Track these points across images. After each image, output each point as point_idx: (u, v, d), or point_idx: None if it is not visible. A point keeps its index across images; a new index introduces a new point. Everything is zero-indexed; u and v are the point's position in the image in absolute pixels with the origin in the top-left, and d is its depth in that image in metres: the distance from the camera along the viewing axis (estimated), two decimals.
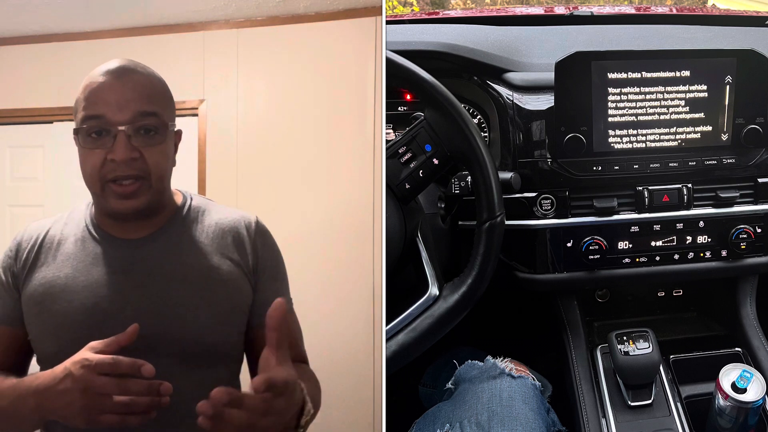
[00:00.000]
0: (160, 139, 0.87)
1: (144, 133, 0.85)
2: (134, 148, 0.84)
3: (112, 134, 0.84)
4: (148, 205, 0.88)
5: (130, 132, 0.84)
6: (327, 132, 2.38)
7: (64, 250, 0.91)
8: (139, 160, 0.85)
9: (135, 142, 0.85)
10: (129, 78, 0.86)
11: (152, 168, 0.86)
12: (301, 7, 2.40)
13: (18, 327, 0.90)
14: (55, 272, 0.89)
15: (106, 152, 0.84)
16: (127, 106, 0.84)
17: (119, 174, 0.84)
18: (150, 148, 0.86)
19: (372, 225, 2.30)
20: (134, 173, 0.85)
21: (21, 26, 2.58)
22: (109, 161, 0.84)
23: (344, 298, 2.25)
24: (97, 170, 0.85)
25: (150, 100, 0.87)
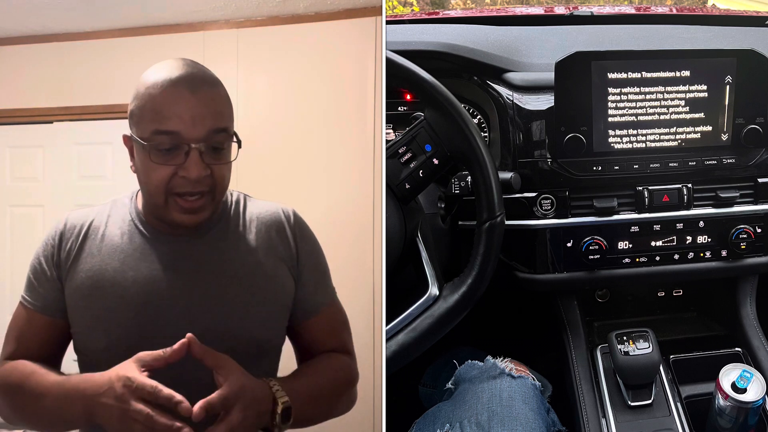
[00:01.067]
0: (228, 155, 0.87)
1: (214, 150, 0.84)
2: (206, 166, 0.83)
3: (184, 151, 0.82)
4: (209, 218, 0.89)
5: (203, 149, 0.82)
6: (327, 132, 2.38)
7: (110, 242, 0.90)
8: (208, 177, 0.84)
9: (206, 159, 0.83)
10: (203, 92, 0.83)
11: (218, 182, 0.86)
12: (301, 7, 2.40)
13: (60, 318, 0.90)
14: (101, 265, 0.88)
15: (176, 168, 0.82)
16: (203, 123, 0.82)
17: (188, 190, 0.83)
18: (219, 165, 0.85)
19: (372, 225, 2.30)
20: (203, 189, 0.84)
21: (21, 26, 2.58)
22: (180, 177, 0.82)
23: (344, 298, 2.24)
24: (164, 183, 0.83)
25: (222, 116, 0.85)
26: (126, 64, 2.51)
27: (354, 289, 2.30)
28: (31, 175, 2.73)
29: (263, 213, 0.96)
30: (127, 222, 0.92)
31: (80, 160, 2.67)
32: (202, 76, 0.85)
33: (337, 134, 2.37)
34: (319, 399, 0.89)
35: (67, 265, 0.90)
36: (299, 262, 0.95)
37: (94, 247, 0.90)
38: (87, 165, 2.65)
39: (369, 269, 2.27)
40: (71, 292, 0.89)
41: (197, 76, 0.84)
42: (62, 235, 0.91)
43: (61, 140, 2.69)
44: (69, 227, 0.92)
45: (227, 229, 0.93)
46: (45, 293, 0.90)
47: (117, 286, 0.87)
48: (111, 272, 0.88)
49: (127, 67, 2.59)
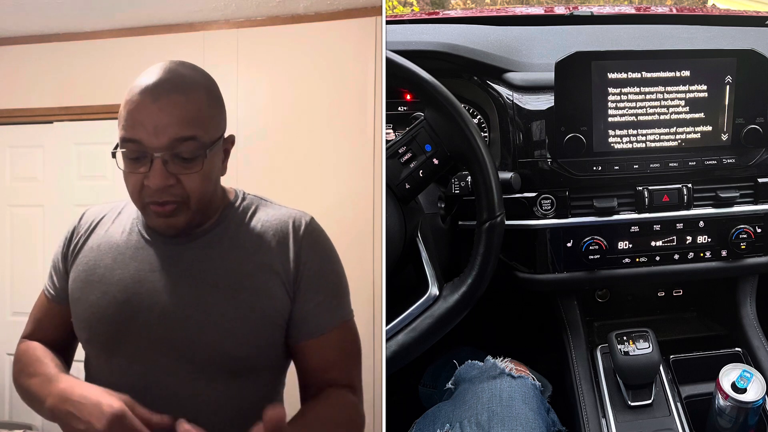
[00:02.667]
0: (197, 166, 0.83)
1: (181, 160, 0.82)
2: (170, 175, 0.81)
3: (149, 158, 0.81)
4: (188, 223, 0.86)
5: (167, 158, 0.81)
6: (327, 132, 2.38)
7: (110, 238, 0.92)
8: (175, 186, 0.82)
9: (172, 168, 0.81)
10: (167, 99, 0.80)
11: (190, 192, 0.83)
12: (301, 7, 2.39)
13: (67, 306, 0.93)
14: (96, 260, 0.91)
15: (143, 177, 0.82)
16: (164, 131, 0.80)
17: (155, 199, 0.83)
18: (187, 174, 0.82)
19: (372, 225, 2.30)
20: (170, 199, 0.83)
21: (21, 26, 2.58)
22: (146, 186, 0.82)
23: None
24: (137, 191, 0.83)
25: (189, 123, 0.81)
26: (126, 64, 2.51)
27: (354, 289, 2.29)
28: (31, 175, 2.72)
29: (271, 220, 0.91)
30: (131, 221, 0.93)
31: (80, 160, 2.66)
32: (175, 83, 0.82)
33: (337, 134, 2.37)
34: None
35: (72, 258, 0.93)
36: (298, 277, 0.88)
37: (96, 241, 0.93)
38: (87, 165, 2.65)
39: (369, 269, 2.26)
40: (71, 283, 0.92)
41: (168, 82, 0.82)
42: (75, 229, 0.96)
43: (61, 140, 2.68)
44: (83, 222, 0.96)
45: (223, 235, 0.89)
46: (57, 282, 0.96)
47: (103, 283, 0.88)
48: (102, 268, 0.89)
49: (127, 67, 2.58)
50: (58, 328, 0.96)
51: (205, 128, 0.84)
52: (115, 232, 0.93)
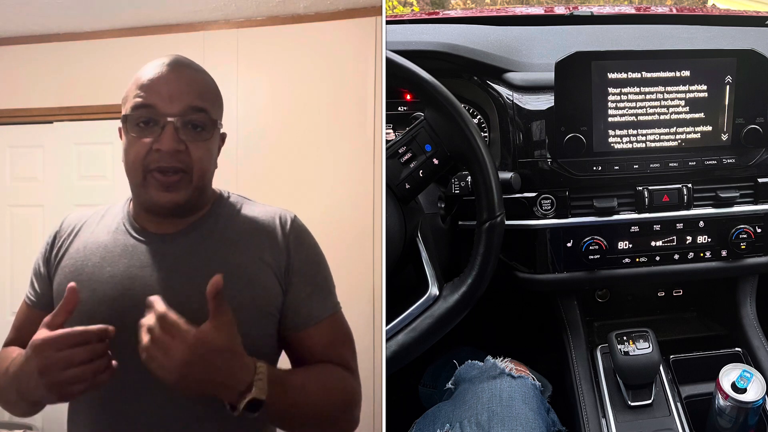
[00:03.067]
0: (206, 135, 0.88)
1: (192, 128, 0.86)
2: (181, 141, 0.85)
3: (161, 125, 0.85)
4: (187, 201, 0.88)
5: (179, 124, 0.85)
6: (327, 132, 2.38)
7: (96, 240, 0.92)
8: (183, 153, 0.85)
9: (182, 135, 0.85)
10: (183, 72, 0.87)
11: (195, 163, 0.87)
12: (301, 7, 2.39)
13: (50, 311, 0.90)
14: (83, 260, 0.90)
15: (152, 142, 0.84)
16: (179, 98, 0.85)
17: (163, 164, 0.85)
18: (196, 143, 0.86)
19: (372, 225, 2.30)
20: (178, 165, 0.85)
21: (21, 26, 2.58)
22: (155, 151, 0.84)
23: (344, 298, 2.24)
24: (141, 159, 0.85)
25: (201, 96, 0.87)
26: (126, 64, 2.50)
27: (354, 289, 2.29)
28: (31, 175, 2.72)
29: (258, 217, 0.94)
30: (116, 222, 0.94)
31: (80, 160, 2.66)
32: (188, 62, 0.90)
33: (337, 134, 2.37)
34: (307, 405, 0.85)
35: (56, 262, 0.93)
36: (290, 270, 0.91)
37: (81, 244, 0.93)
38: (87, 165, 2.65)
39: (369, 269, 2.26)
40: (57, 287, 0.92)
41: (182, 60, 0.89)
42: (56, 234, 0.96)
43: (61, 140, 2.68)
44: (64, 227, 0.96)
45: (213, 229, 0.92)
46: (39, 289, 0.95)
47: (93, 281, 0.88)
48: (90, 267, 0.90)
49: (127, 67, 2.58)
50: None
51: (214, 106, 0.90)
52: (101, 232, 0.93)
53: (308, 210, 0.99)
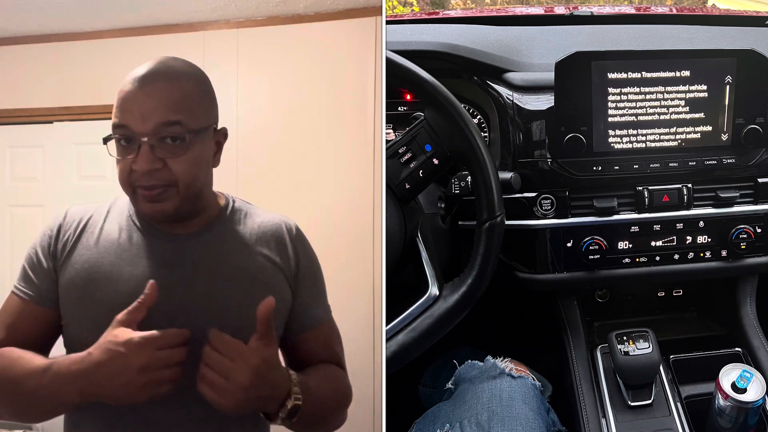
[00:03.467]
0: (185, 146, 0.85)
1: (170, 142, 0.84)
2: (156, 159, 0.83)
3: (137, 144, 0.84)
4: (176, 210, 0.87)
5: (153, 142, 0.83)
6: (327, 132, 2.38)
7: (108, 237, 0.91)
8: (162, 170, 0.84)
9: (159, 153, 0.83)
10: (153, 87, 0.84)
11: (179, 176, 0.85)
12: (301, 7, 2.39)
13: (52, 309, 0.90)
14: (98, 258, 0.89)
15: (131, 161, 0.84)
16: (150, 116, 0.83)
17: (142, 183, 0.84)
18: (175, 158, 0.84)
19: (372, 225, 2.29)
20: (156, 183, 0.84)
21: (21, 26, 2.58)
22: (134, 171, 0.84)
23: (344, 299, 2.23)
24: (126, 177, 0.85)
25: (174, 109, 0.84)
26: (126, 64, 2.49)
27: (354, 289, 2.29)
28: (31, 175, 2.72)
29: (265, 222, 0.95)
30: (125, 218, 0.93)
31: (80, 160, 2.66)
32: (161, 72, 0.86)
33: (337, 134, 2.37)
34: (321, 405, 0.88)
35: (63, 257, 0.90)
36: (298, 275, 0.94)
37: (91, 240, 0.91)
38: (87, 165, 2.65)
39: (369, 269, 2.26)
40: (65, 284, 0.89)
41: (155, 71, 0.86)
42: (60, 227, 0.92)
43: (61, 140, 2.68)
44: (68, 220, 0.93)
45: (225, 232, 0.92)
46: (39, 283, 0.91)
47: (112, 281, 0.87)
48: (107, 266, 0.88)
49: (127, 67, 2.58)
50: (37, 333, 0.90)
51: (191, 114, 0.86)
52: (112, 230, 0.92)
53: (308, 210, 1.00)
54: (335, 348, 0.99)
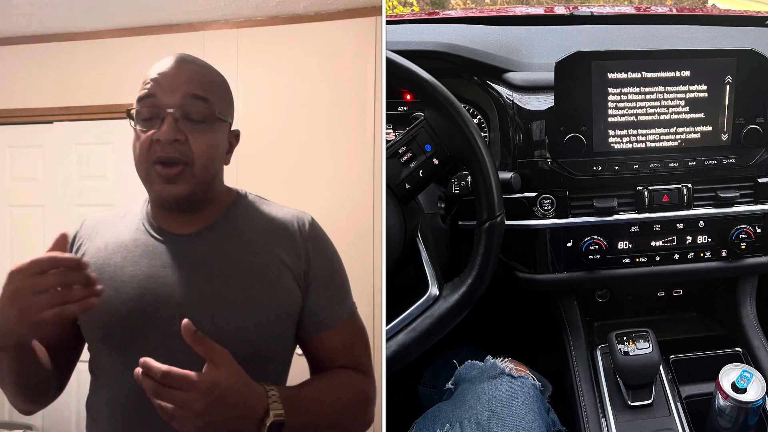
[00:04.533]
0: (207, 127, 0.88)
1: (192, 120, 0.87)
2: (179, 131, 0.85)
3: (161, 117, 0.86)
4: (190, 194, 0.88)
5: (178, 115, 0.86)
6: (327, 132, 2.38)
7: (117, 240, 0.93)
8: (183, 144, 0.86)
9: (181, 126, 0.86)
10: (185, 65, 0.89)
11: (196, 154, 0.87)
12: (301, 7, 2.39)
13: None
14: (105, 260, 0.91)
15: (153, 134, 0.85)
16: (179, 88, 0.86)
17: (161, 155, 0.85)
18: (196, 134, 0.87)
19: (372, 225, 2.30)
20: (176, 156, 0.85)
21: (21, 26, 2.58)
22: (155, 141, 0.85)
23: None
24: (145, 153, 0.86)
25: (202, 87, 0.88)
26: (126, 64, 2.51)
27: (354, 290, 2.29)
28: (31, 175, 2.73)
29: (276, 218, 0.94)
30: (136, 222, 0.94)
31: (80, 160, 2.67)
32: (193, 59, 0.91)
33: (337, 134, 2.37)
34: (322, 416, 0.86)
35: None
36: (309, 273, 0.92)
37: (101, 243, 0.93)
38: (87, 165, 2.65)
39: (369, 269, 2.26)
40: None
41: (188, 57, 0.91)
42: (77, 234, 0.96)
43: (61, 140, 2.68)
44: (84, 227, 0.97)
45: (233, 229, 0.92)
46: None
47: (115, 280, 0.88)
48: (112, 267, 0.90)
49: (127, 67, 2.58)
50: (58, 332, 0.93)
51: (217, 97, 0.90)
52: (122, 233, 0.93)
53: (308, 210, 0.99)
54: (356, 350, 0.96)
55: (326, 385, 0.90)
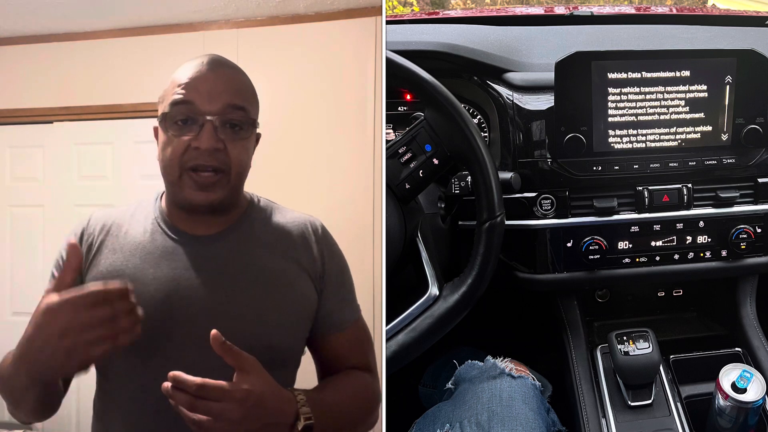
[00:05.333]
0: (245, 134, 0.88)
1: (230, 127, 0.86)
2: (219, 140, 0.84)
3: (199, 123, 0.84)
4: (222, 200, 0.87)
5: (218, 123, 0.84)
6: (327, 132, 2.38)
7: (132, 239, 0.91)
8: (222, 152, 0.85)
9: (221, 134, 0.85)
10: (222, 71, 0.87)
11: (233, 162, 0.86)
12: (301, 7, 2.39)
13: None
14: (123, 261, 0.89)
15: (190, 140, 0.84)
16: (219, 97, 0.85)
17: (200, 162, 0.84)
18: (234, 142, 0.86)
19: (372, 225, 2.30)
20: (215, 164, 0.85)
21: (21, 26, 2.58)
22: (193, 149, 0.84)
23: None
24: (178, 157, 0.85)
25: (240, 95, 0.87)
26: (126, 64, 2.51)
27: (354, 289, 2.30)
28: (31, 175, 2.72)
29: (290, 222, 0.95)
30: (150, 221, 0.93)
31: (80, 160, 2.66)
32: (226, 61, 0.90)
33: (337, 134, 2.37)
34: (342, 417, 0.87)
35: (88, 260, 0.90)
36: (325, 276, 0.94)
37: (116, 244, 0.91)
38: (87, 165, 2.65)
39: (369, 269, 2.26)
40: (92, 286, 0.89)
41: (221, 60, 0.89)
42: (84, 230, 0.93)
43: (61, 140, 2.68)
44: (91, 224, 0.94)
45: (251, 233, 0.92)
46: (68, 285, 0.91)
47: (136, 283, 0.86)
48: (131, 269, 0.88)
49: (127, 67, 2.59)
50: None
51: (251, 105, 0.90)
52: (136, 233, 0.92)
53: (308, 210, 0.99)
54: (363, 351, 0.98)
55: (344, 386, 0.91)
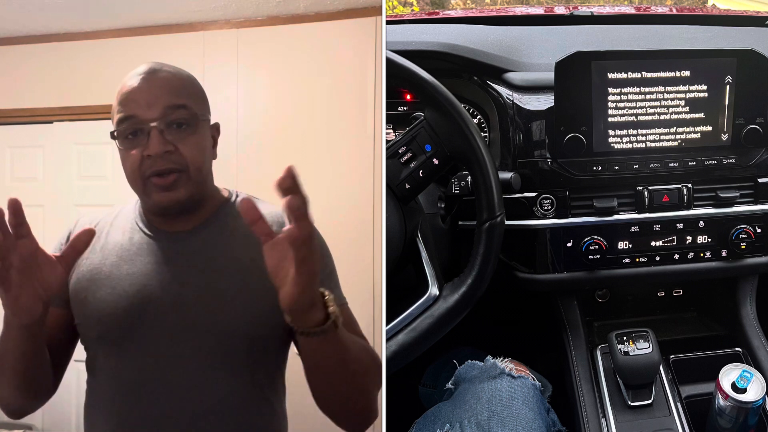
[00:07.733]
0: (192, 131, 0.89)
1: (176, 127, 0.88)
2: (168, 142, 0.87)
3: (146, 132, 0.86)
4: (189, 197, 0.89)
5: (162, 127, 0.86)
6: (327, 132, 2.38)
7: (112, 240, 0.94)
8: (174, 153, 0.87)
9: (168, 136, 0.87)
10: (155, 77, 0.89)
11: (189, 160, 0.88)
12: (301, 7, 2.39)
13: (63, 308, 0.93)
14: (101, 260, 0.92)
15: (142, 150, 0.86)
16: (156, 102, 0.87)
17: (156, 168, 0.86)
18: (184, 141, 0.88)
19: (372, 225, 2.30)
20: (171, 166, 0.87)
21: (21, 26, 2.58)
22: (146, 158, 0.86)
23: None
24: (137, 168, 0.87)
25: (177, 94, 0.89)
26: (126, 64, 2.49)
27: (354, 289, 2.29)
28: (31, 175, 2.72)
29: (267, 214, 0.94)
30: (129, 222, 0.96)
31: (80, 160, 2.67)
32: (160, 67, 0.91)
33: (337, 134, 2.37)
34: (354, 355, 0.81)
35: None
36: None
37: (97, 245, 0.94)
38: (87, 165, 2.65)
39: (369, 269, 2.26)
40: (73, 286, 0.92)
41: (154, 67, 0.91)
42: (70, 234, 0.96)
43: (61, 140, 2.68)
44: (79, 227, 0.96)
45: (225, 226, 0.93)
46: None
47: (111, 279, 0.90)
48: (108, 266, 0.91)
49: (127, 67, 2.58)
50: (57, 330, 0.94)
51: (194, 100, 0.91)
52: (116, 233, 0.95)
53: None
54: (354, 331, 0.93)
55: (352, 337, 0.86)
